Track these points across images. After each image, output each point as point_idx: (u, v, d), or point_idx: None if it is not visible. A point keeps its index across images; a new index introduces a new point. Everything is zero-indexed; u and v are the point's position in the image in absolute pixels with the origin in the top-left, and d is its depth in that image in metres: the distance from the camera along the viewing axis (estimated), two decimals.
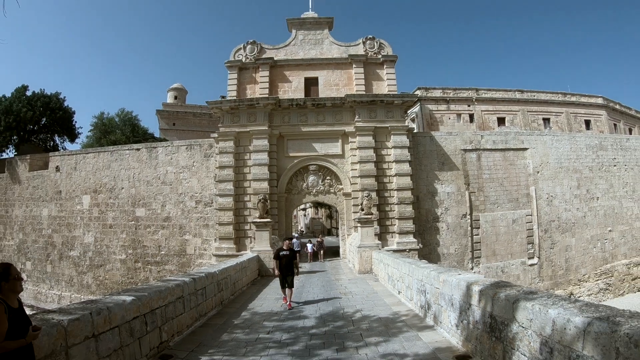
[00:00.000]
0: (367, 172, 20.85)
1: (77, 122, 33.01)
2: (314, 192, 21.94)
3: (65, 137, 32.42)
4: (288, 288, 10.07)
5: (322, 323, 8.08)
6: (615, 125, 37.00)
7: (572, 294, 22.51)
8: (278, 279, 10.65)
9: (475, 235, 22.15)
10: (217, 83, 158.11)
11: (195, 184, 22.36)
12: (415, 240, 20.62)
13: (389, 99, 21.36)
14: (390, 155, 21.38)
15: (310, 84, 22.83)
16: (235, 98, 21.94)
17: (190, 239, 22.01)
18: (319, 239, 23.85)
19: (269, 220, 18.62)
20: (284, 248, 10.66)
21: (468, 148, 22.89)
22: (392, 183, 21.22)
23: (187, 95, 53.20)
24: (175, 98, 51.49)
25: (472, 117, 31.96)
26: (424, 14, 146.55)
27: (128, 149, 24.20)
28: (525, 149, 23.59)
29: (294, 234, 27.95)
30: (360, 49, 22.90)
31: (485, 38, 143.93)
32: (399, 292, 10.38)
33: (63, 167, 25.33)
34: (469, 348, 5.45)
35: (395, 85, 22.43)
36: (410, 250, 19.77)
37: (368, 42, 22.94)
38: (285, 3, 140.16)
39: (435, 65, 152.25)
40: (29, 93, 30.16)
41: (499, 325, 4.58)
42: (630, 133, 38.81)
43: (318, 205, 50.70)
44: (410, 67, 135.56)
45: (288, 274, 10.16)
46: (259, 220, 18.25)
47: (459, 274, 6.39)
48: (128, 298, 5.23)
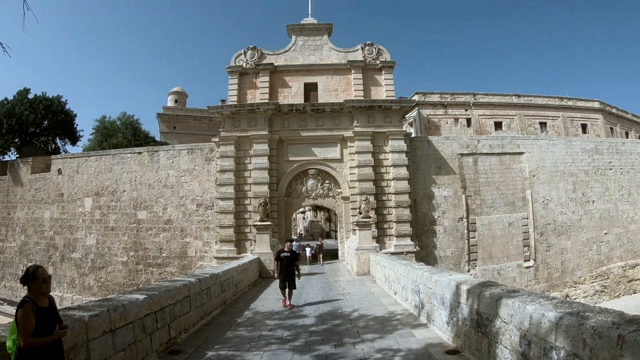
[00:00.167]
0: (365, 176, 21.17)
1: (78, 125, 33.28)
2: (313, 195, 22.25)
3: (67, 139, 32.58)
4: (289, 289, 10.36)
5: (321, 321, 8.45)
6: (612, 129, 37.30)
7: (567, 296, 22.80)
8: (278, 281, 10.88)
9: (472, 238, 22.47)
10: (216, 87, 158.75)
11: (197, 187, 22.67)
12: (413, 243, 20.93)
13: (387, 105, 21.73)
14: (388, 160, 21.71)
15: (310, 89, 23.17)
16: (236, 103, 22.26)
17: (191, 242, 22.29)
18: (319, 242, 24.07)
19: (270, 224, 18.99)
20: (285, 250, 10.92)
21: (465, 152, 23.25)
22: (389, 187, 21.52)
23: (187, 99, 53.63)
24: (176, 102, 51.88)
25: (469, 121, 32.37)
26: (423, 17, 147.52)
27: (130, 153, 24.48)
28: (522, 153, 23.94)
29: (293, 237, 28.22)
30: (359, 55, 23.25)
31: (484, 40, 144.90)
32: (395, 292, 10.73)
33: (65, 169, 25.60)
34: (459, 343, 5.82)
35: (393, 91, 22.80)
36: (408, 253, 20.07)
37: (367, 48, 23.26)
38: (286, 9, 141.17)
39: (434, 68, 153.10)
40: (31, 96, 30.30)
41: (485, 321, 4.95)
42: (627, 136, 39.07)
43: (317, 209, 50.89)
44: (409, 70, 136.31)
45: (289, 276, 10.42)
46: (260, 224, 18.61)
47: (450, 275, 6.77)
48: (140, 296, 5.59)
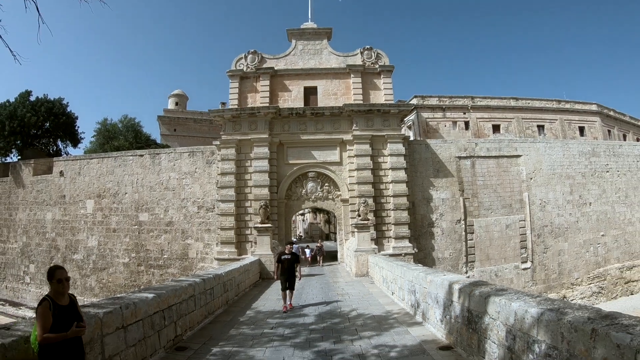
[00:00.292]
0: (364, 179, 21.47)
1: (79, 127, 33.60)
2: (313, 198, 22.55)
3: (68, 142, 32.85)
4: (289, 290, 10.61)
5: (320, 320, 8.77)
6: (610, 132, 37.45)
7: (565, 297, 23.09)
8: (279, 282, 11.09)
9: (470, 240, 22.76)
10: (217, 89, 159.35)
11: (198, 190, 22.96)
12: (411, 245, 21.21)
13: (386, 109, 22.05)
14: (387, 163, 22.01)
15: (310, 93, 23.49)
16: (237, 107, 22.57)
17: (193, 243, 22.58)
18: (319, 244, 24.37)
19: (270, 226, 19.31)
20: (286, 252, 11.13)
21: (462, 155, 23.57)
22: (388, 190, 21.82)
23: (187, 102, 53.93)
24: (176, 104, 52.18)
25: (467, 124, 32.68)
26: (422, 21, 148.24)
27: (131, 155, 24.75)
28: (519, 156, 24.23)
29: (293, 239, 28.50)
30: (358, 59, 23.58)
31: (483, 44, 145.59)
32: (393, 293, 11.03)
33: (67, 171, 25.86)
34: (451, 340, 6.12)
35: (392, 95, 23.14)
36: (406, 255, 20.36)
37: (366, 52, 23.59)
38: (286, 13, 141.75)
39: (433, 72, 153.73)
40: (33, 98, 30.59)
41: (475, 318, 5.25)
42: (625, 139, 39.13)
43: (316, 211, 51.11)
44: (408, 74, 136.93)
45: (289, 277, 10.65)
46: (261, 226, 18.93)
47: (444, 275, 7.09)
48: (150, 295, 5.90)
